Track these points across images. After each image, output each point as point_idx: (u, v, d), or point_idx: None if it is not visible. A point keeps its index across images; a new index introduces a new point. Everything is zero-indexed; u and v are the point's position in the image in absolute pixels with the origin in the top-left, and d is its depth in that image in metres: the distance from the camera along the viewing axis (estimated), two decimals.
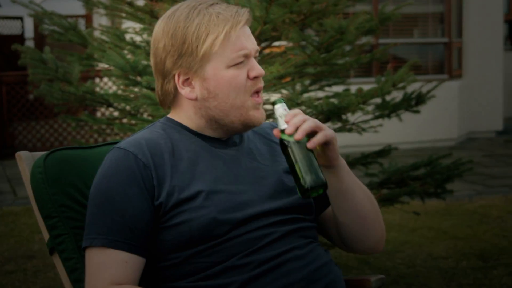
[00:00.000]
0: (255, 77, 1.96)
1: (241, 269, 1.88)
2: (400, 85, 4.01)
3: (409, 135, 10.29)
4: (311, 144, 1.87)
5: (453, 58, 11.39)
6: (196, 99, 1.97)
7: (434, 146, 10.47)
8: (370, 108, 4.32)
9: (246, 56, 1.95)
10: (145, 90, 3.79)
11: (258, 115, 1.98)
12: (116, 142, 2.17)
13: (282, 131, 1.90)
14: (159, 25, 1.99)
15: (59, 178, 2.10)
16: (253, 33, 3.56)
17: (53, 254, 2.09)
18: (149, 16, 3.93)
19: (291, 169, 1.89)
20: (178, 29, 1.93)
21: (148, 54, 4.11)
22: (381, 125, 4.52)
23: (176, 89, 1.98)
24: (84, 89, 4.22)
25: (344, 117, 4.04)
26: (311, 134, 1.88)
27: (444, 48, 11.36)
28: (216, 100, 1.95)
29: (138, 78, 3.82)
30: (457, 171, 4.67)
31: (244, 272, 1.88)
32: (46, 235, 2.10)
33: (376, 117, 4.39)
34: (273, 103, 1.95)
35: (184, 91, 1.97)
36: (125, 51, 4.13)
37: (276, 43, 4.13)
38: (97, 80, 9.89)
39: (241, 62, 1.94)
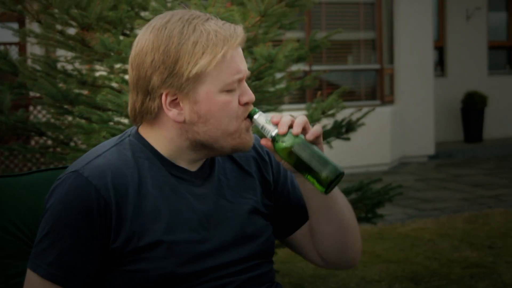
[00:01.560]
0: (246, 103, 1.83)
1: None
2: (330, 112, 4.07)
3: (343, 161, 10.35)
4: (311, 135, 1.79)
5: (385, 84, 11.59)
6: (183, 122, 1.80)
7: (368, 171, 10.60)
8: None
9: (240, 80, 1.81)
10: (77, 119, 3.78)
11: (249, 138, 1.85)
12: (50, 170, 2.13)
13: (274, 137, 1.80)
14: (147, 36, 1.80)
15: None
16: None
17: None
18: (80, 45, 3.93)
19: (302, 169, 1.78)
20: (172, 45, 1.75)
21: (80, 83, 4.11)
22: None
23: (160, 108, 1.80)
24: (15, 118, 4.19)
25: None
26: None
27: (376, 74, 11.55)
28: (206, 125, 1.79)
29: (70, 107, 3.81)
30: (387, 195, 4.74)
31: None
32: None
33: None
34: (250, 115, 1.83)
35: (172, 113, 1.79)
36: (57, 80, 4.12)
37: None
38: (31, 108, 9.79)
39: (231, 90, 1.79)
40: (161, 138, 1.84)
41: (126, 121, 3.83)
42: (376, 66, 11.52)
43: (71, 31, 4.26)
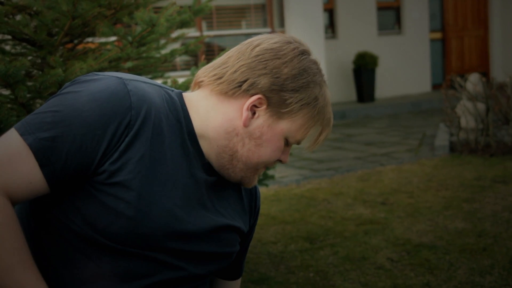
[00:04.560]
0: (278, 160, 1.83)
1: (113, 281, 1.67)
2: None
3: None
4: None
5: None
6: (244, 126, 1.73)
7: None
8: None
9: (296, 143, 1.82)
10: None
11: (255, 180, 1.84)
12: None
13: None
14: (296, 59, 1.75)
15: None
16: (62, 28, 3.49)
17: None
18: None
19: None
20: (302, 79, 1.73)
21: None
22: None
23: (239, 99, 1.74)
24: None
25: None
26: None
27: None
28: (255, 147, 1.75)
29: None
30: None
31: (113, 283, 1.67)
32: None
33: None
34: None
35: (246, 113, 1.72)
36: None
37: (90, 39, 4.06)
38: None
39: (287, 144, 1.80)
40: (207, 113, 1.76)
41: None
42: (267, 30, 11.55)
43: None
